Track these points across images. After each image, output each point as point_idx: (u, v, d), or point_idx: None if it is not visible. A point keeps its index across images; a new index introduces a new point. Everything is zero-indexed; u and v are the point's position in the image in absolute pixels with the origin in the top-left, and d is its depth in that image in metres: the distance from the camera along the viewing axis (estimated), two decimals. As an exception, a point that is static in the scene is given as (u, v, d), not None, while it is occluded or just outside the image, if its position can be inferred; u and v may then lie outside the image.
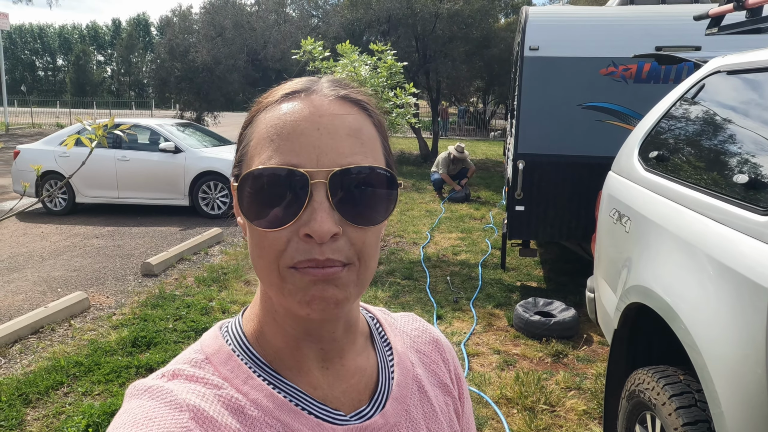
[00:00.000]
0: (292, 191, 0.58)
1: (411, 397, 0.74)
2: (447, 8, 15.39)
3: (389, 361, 0.76)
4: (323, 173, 0.58)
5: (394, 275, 6.24)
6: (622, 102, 5.15)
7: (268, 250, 0.60)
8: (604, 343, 4.52)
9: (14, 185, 9.89)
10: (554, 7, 6.89)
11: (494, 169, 16.22)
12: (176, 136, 9.67)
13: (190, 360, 0.66)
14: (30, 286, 5.94)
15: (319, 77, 0.69)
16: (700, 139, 2.50)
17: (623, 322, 2.50)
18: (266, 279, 0.62)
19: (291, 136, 0.60)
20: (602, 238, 3.17)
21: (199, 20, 20.49)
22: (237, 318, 0.73)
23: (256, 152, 0.62)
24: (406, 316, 0.87)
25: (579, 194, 5.26)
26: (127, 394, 0.62)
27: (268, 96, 0.67)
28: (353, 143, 0.61)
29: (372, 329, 0.78)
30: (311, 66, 7.04)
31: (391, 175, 0.63)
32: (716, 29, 3.02)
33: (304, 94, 0.63)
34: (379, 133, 0.67)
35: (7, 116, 29.04)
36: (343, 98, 0.64)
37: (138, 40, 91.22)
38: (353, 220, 0.60)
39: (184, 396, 0.60)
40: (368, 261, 0.63)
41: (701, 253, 1.94)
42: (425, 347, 0.82)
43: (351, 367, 0.71)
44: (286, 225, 0.59)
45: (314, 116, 0.61)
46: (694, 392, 1.97)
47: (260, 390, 0.64)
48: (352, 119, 0.62)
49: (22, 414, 3.53)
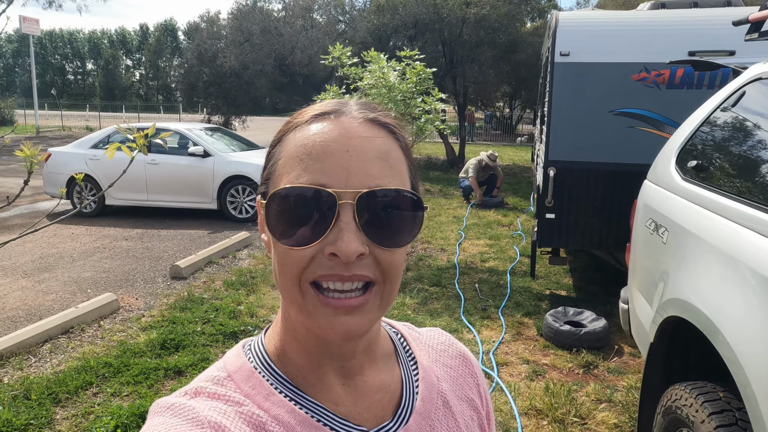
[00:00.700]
0: (320, 211, 0.59)
1: (435, 412, 0.74)
2: (474, 13, 15.33)
3: (414, 375, 0.76)
4: (351, 194, 0.59)
5: (421, 281, 6.21)
6: (654, 108, 5.06)
7: (291, 267, 0.61)
8: (636, 354, 4.43)
9: (45, 187, 10.05)
10: (585, 11, 6.82)
11: (521, 175, 16.10)
12: (205, 140, 9.77)
13: (212, 378, 0.67)
14: (60, 287, 6.04)
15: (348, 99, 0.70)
16: (740, 148, 2.43)
17: (660, 336, 2.44)
18: (288, 296, 0.63)
19: (320, 156, 0.61)
20: (638, 248, 3.11)
21: (226, 26, 20.73)
22: (260, 337, 0.74)
23: (285, 171, 0.63)
24: (432, 330, 0.87)
25: (611, 202, 5.18)
26: (151, 412, 0.63)
27: (297, 116, 0.68)
28: (382, 166, 0.62)
29: (396, 344, 0.79)
30: (339, 72, 7.06)
31: (417, 199, 0.64)
32: (756, 35, 2.95)
33: (333, 116, 0.65)
34: (406, 156, 0.67)
35: (37, 119, 29.64)
36: (371, 121, 0.65)
37: (166, 45, 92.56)
38: (379, 242, 0.61)
39: (206, 413, 0.61)
40: (393, 281, 0.64)
41: (744, 266, 1.88)
42: (452, 361, 0.83)
43: (373, 383, 0.71)
44: (312, 244, 0.59)
45: (344, 138, 0.62)
46: (735, 410, 1.91)
47: (282, 406, 0.64)
48: (380, 142, 0.64)
49: (52, 413, 3.58)
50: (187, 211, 9.88)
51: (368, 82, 6.80)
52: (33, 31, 28.42)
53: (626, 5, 19.59)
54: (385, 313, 0.65)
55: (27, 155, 1.48)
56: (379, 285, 0.62)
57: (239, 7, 20.21)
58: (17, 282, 6.17)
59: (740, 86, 2.57)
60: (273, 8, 21.39)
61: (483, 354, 4.43)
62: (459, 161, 16.61)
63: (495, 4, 15.59)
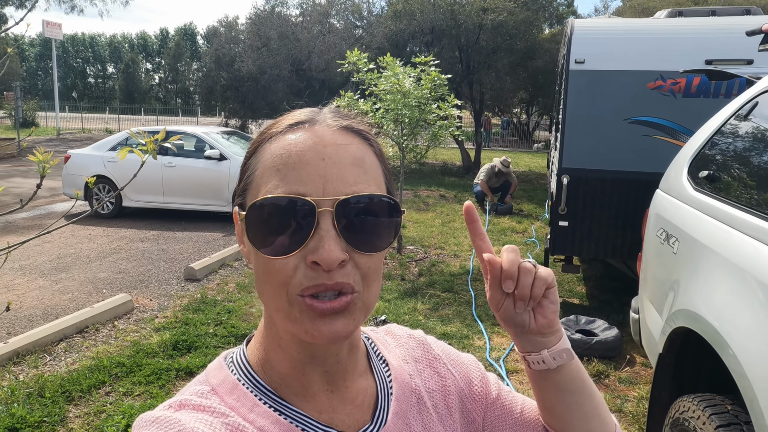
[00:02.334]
0: (299, 219, 0.60)
1: (410, 410, 0.75)
2: (491, 19, 15.32)
3: (387, 377, 0.77)
4: (329, 201, 0.60)
5: (434, 287, 6.21)
6: (670, 117, 5.02)
7: (275, 277, 0.62)
8: (647, 364, 4.40)
9: (64, 188, 10.20)
10: (601, 19, 6.78)
11: (537, 182, 16.03)
12: (221, 144, 9.85)
13: (196, 392, 0.67)
14: (76, 287, 6.12)
15: (320, 107, 0.70)
16: (752, 159, 2.42)
17: (669, 347, 2.42)
18: (273, 305, 0.64)
19: (297, 165, 0.62)
20: (649, 258, 3.09)
21: (244, 30, 20.91)
22: (241, 348, 0.74)
23: (263, 181, 0.63)
24: (391, 327, 0.88)
25: (625, 211, 5.14)
26: (135, 426, 0.63)
27: (272, 127, 0.68)
28: (357, 172, 0.63)
29: (368, 348, 0.80)
30: (355, 77, 7.09)
31: (394, 203, 0.65)
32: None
33: (308, 125, 0.65)
34: (380, 161, 0.68)
35: (58, 121, 30.05)
36: (345, 128, 0.66)
37: (185, 49, 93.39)
38: (359, 247, 0.61)
39: (192, 425, 0.61)
40: (371, 286, 0.64)
41: (752, 278, 1.87)
42: (416, 352, 0.84)
43: (354, 389, 0.72)
44: (293, 253, 0.60)
45: (319, 146, 0.63)
46: (743, 424, 1.89)
47: (266, 417, 0.65)
48: (355, 149, 0.64)
49: (65, 411, 3.63)
50: (203, 213, 9.96)
51: (383, 87, 6.83)
52: (55, 35, 28.87)
53: (645, 13, 19.48)
54: (368, 316, 0.66)
55: (39, 160, 1.51)
56: (360, 292, 0.62)
57: (257, 12, 20.39)
58: (35, 281, 6.27)
59: (753, 96, 2.55)
60: (290, 13, 21.55)
61: (494, 361, 4.42)
62: (475, 167, 16.57)
63: (512, 10, 15.57)
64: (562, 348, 0.74)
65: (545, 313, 0.72)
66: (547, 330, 0.73)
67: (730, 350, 1.82)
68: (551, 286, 0.71)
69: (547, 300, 0.71)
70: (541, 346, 0.74)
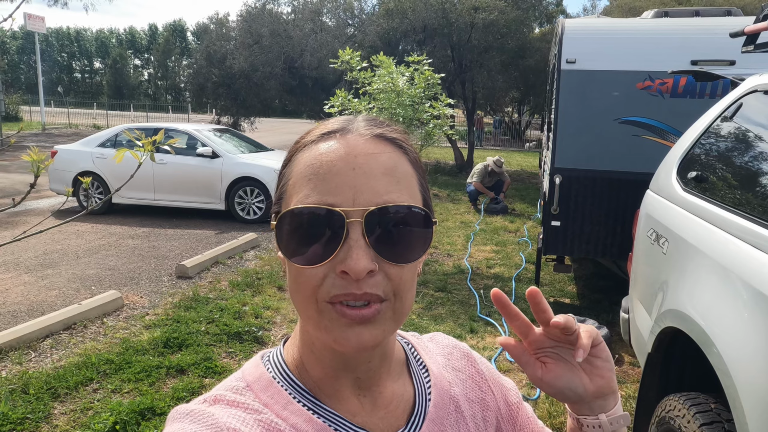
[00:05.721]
0: (329, 229, 0.60)
1: (447, 417, 0.75)
2: (482, 18, 15.34)
3: (426, 383, 0.77)
4: (359, 212, 0.60)
5: (427, 286, 6.21)
6: (659, 117, 5.05)
7: (304, 285, 0.62)
8: (636, 363, 4.43)
9: (51, 184, 10.08)
10: (591, 19, 6.81)
11: (529, 181, 16.08)
12: (214, 141, 9.83)
13: (231, 387, 0.68)
14: (64, 283, 6.08)
15: (355, 116, 0.70)
16: (738, 160, 2.44)
17: (657, 346, 2.44)
18: (304, 313, 0.64)
19: (327, 175, 0.62)
20: (639, 258, 3.11)
21: (236, 27, 20.81)
22: (278, 348, 0.75)
23: (295, 191, 0.64)
24: (436, 335, 0.88)
25: (616, 210, 5.17)
26: (169, 418, 0.64)
27: (305, 136, 0.69)
28: (388, 181, 0.62)
29: (408, 354, 0.80)
30: (348, 76, 7.08)
31: (426, 214, 0.64)
32: (752, 47, 2.97)
33: (340, 134, 0.65)
34: (415, 169, 0.68)
35: (43, 116, 29.77)
36: (378, 137, 0.66)
37: (175, 46, 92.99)
38: (389, 258, 0.61)
39: (225, 420, 0.62)
40: (404, 296, 0.64)
41: (737, 278, 1.89)
42: (459, 363, 0.84)
43: (387, 394, 0.73)
44: (322, 262, 0.60)
45: (350, 156, 0.63)
46: (725, 422, 1.91)
47: (300, 415, 0.66)
48: (386, 158, 0.64)
49: (50, 407, 3.58)
50: (195, 211, 9.93)
51: (377, 86, 6.83)
52: (38, 29, 28.57)
53: (632, 12, 19.57)
54: (399, 327, 0.66)
55: (34, 159, 1.49)
56: (390, 301, 0.62)
57: (248, 9, 20.29)
58: (20, 277, 6.21)
59: (737, 98, 2.58)
60: (282, 11, 21.47)
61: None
62: (468, 166, 16.61)
63: (503, 9, 15.59)
64: (620, 414, 0.74)
65: (602, 373, 0.72)
66: (608, 390, 0.72)
67: (715, 349, 1.84)
68: (597, 342, 0.71)
69: (599, 360, 0.72)
70: (599, 410, 0.73)
